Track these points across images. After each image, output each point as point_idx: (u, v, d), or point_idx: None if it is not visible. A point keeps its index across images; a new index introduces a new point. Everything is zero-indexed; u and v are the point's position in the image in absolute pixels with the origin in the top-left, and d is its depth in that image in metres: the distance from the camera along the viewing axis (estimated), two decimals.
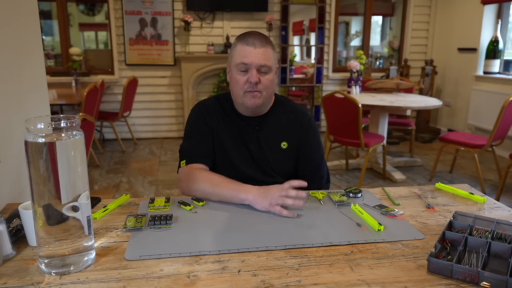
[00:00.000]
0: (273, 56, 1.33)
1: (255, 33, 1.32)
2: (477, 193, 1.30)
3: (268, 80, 1.32)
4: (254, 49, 1.28)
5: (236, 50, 1.31)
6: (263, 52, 1.29)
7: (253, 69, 1.29)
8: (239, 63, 1.29)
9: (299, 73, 6.20)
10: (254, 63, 1.28)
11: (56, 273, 0.84)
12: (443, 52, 5.70)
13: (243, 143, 1.41)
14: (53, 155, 0.81)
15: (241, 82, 1.31)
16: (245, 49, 1.29)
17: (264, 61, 1.29)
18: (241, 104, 1.36)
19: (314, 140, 1.47)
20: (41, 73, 1.53)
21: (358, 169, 4.20)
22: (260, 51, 1.28)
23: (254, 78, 1.28)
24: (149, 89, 5.34)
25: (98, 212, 1.12)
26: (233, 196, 1.20)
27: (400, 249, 0.95)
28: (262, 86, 1.31)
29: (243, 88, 1.31)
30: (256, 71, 1.29)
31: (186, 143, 1.42)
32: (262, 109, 1.39)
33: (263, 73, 1.31)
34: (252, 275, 0.84)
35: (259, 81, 1.30)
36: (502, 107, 3.30)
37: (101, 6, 5.41)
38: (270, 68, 1.31)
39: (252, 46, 1.29)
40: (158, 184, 3.71)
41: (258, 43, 1.29)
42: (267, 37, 1.34)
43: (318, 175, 1.49)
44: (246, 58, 1.28)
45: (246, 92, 1.32)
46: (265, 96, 1.34)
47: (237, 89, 1.33)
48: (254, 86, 1.30)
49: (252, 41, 1.29)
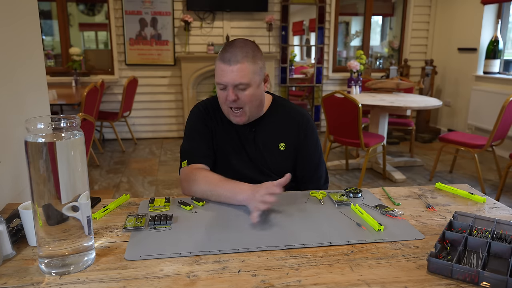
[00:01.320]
0: (253, 69, 1.27)
1: (234, 46, 1.28)
2: (477, 193, 1.30)
3: (247, 96, 1.29)
4: (229, 67, 1.25)
5: (216, 66, 1.30)
6: (238, 69, 1.25)
7: (230, 87, 1.27)
8: (217, 82, 1.29)
9: (299, 73, 6.21)
10: (230, 82, 1.26)
11: (56, 273, 0.84)
12: (443, 52, 5.70)
13: (241, 144, 1.41)
14: (53, 155, 0.80)
15: (221, 98, 1.32)
16: (221, 68, 1.27)
17: (239, 79, 1.25)
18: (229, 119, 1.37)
19: (311, 140, 1.46)
20: (41, 73, 1.53)
21: (358, 169, 4.20)
22: (235, 68, 1.25)
23: (231, 97, 1.28)
24: (149, 89, 5.34)
25: (98, 212, 1.12)
26: (228, 197, 1.20)
27: (400, 249, 0.95)
28: (242, 102, 1.30)
29: (226, 104, 1.32)
30: (232, 89, 1.27)
31: (187, 144, 1.42)
32: (252, 118, 1.38)
33: (241, 90, 1.29)
34: (252, 275, 0.84)
35: (237, 97, 1.28)
36: (502, 107, 3.30)
37: (101, 6, 5.41)
38: (248, 84, 1.28)
39: (227, 63, 1.25)
40: (158, 184, 3.71)
41: (233, 59, 1.25)
42: (249, 46, 1.29)
43: (317, 175, 1.49)
44: (222, 78, 1.27)
45: (230, 109, 1.32)
46: (250, 110, 1.33)
47: (221, 105, 1.35)
48: (232, 103, 1.30)
49: (228, 57, 1.26)
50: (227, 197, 1.20)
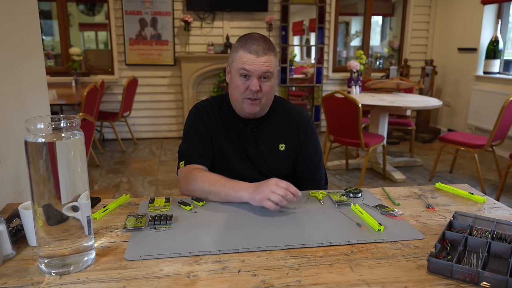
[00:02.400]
0: (275, 62, 1.32)
1: (258, 38, 1.30)
2: (477, 193, 1.30)
3: (268, 87, 1.32)
4: (256, 58, 1.27)
5: (238, 55, 1.30)
6: (266, 60, 1.28)
7: (255, 77, 1.28)
8: (241, 68, 1.29)
9: (299, 73, 6.20)
10: (256, 71, 1.28)
11: (56, 273, 0.84)
12: (443, 52, 5.70)
13: (241, 144, 1.41)
14: (53, 155, 0.80)
15: (241, 87, 1.31)
16: (248, 57, 1.28)
17: (267, 68, 1.28)
18: (240, 109, 1.36)
19: (312, 142, 1.47)
20: (41, 73, 1.53)
21: (358, 169, 4.20)
22: (263, 59, 1.28)
23: (255, 87, 1.28)
24: (149, 89, 5.34)
25: (98, 212, 1.12)
26: (229, 194, 1.20)
27: (400, 249, 0.95)
28: (262, 93, 1.31)
29: (243, 94, 1.31)
30: (257, 80, 1.29)
31: (185, 144, 1.42)
32: (260, 113, 1.40)
33: (264, 80, 1.31)
34: (252, 275, 0.84)
35: (260, 89, 1.30)
36: (502, 107, 3.30)
37: (101, 6, 5.41)
38: (272, 74, 1.31)
39: (254, 54, 1.27)
40: (158, 184, 3.71)
41: (261, 51, 1.28)
42: (269, 41, 1.33)
43: (316, 177, 1.49)
44: (248, 65, 1.27)
45: (246, 98, 1.32)
46: (264, 103, 1.35)
47: (236, 93, 1.33)
48: (254, 94, 1.30)
49: (255, 48, 1.27)
50: (227, 194, 1.20)
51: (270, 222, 1.09)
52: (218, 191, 1.22)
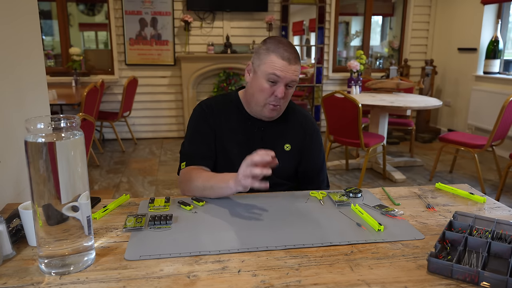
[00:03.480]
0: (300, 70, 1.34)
1: (290, 46, 1.30)
2: (477, 193, 1.30)
3: (289, 94, 1.34)
4: (289, 65, 1.27)
5: (269, 59, 1.28)
6: (296, 69, 1.29)
7: (282, 84, 1.29)
8: (271, 73, 1.28)
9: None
10: (286, 78, 1.28)
11: (56, 273, 0.84)
12: (443, 52, 5.70)
13: (247, 143, 1.41)
14: (53, 155, 0.80)
15: (267, 92, 1.31)
16: (281, 63, 1.27)
17: (295, 77, 1.30)
18: (259, 111, 1.36)
19: (316, 144, 1.48)
20: (41, 73, 1.53)
21: (358, 169, 4.20)
22: (294, 68, 1.28)
23: (281, 94, 1.29)
24: (149, 89, 5.34)
25: (98, 212, 1.12)
26: (221, 186, 1.19)
27: (400, 249, 0.95)
28: (284, 100, 1.33)
29: (267, 99, 1.32)
30: (284, 87, 1.30)
31: (187, 145, 1.42)
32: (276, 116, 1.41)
33: (288, 88, 1.32)
34: (252, 275, 0.84)
35: (284, 95, 1.31)
36: (502, 107, 3.30)
37: (101, 6, 5.41)
38: (297, 82, 1.33)
39: (287, 61, 1.27)
40: (158, 184, 3.71)
41: (293, 59, 1.28)
42: (296, 49, 1.33)
43: (319, 179, 1.49)
44: (279, 72, 1.27)
45: (268, 104, 1.32)
46: (282, 108, 1.37)
47: (259, 97, 1.33)
48: (278, 100, 1.31)
49: (288, 56, 1.27)
50: (220, 187, 1.19)
51: (270, 222, 1.08)
52: (211, 186, 1.22)
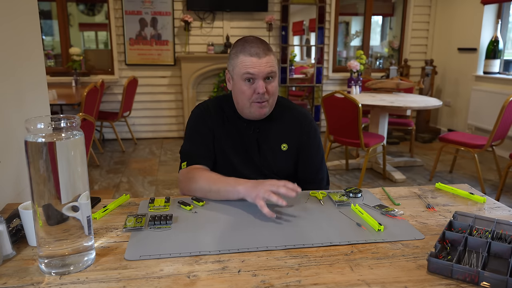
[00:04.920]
0: (276, 61, 1.33)
1: (255, 41, 1.30)
2: (477, 193, 1.30)
3: (274, 87, 1.32)
4: (258, 60, 1.27)
5: (239, 61, 1.29)
6: (268, 60, 1.28)
7: (260, 79, 1.29)
8: (245, 73, 1.28)
9: (299, 73, 6.21)
10: (261, 73, 1.28)
11: (56, 273, 0.84)
12: (443, 52, 5.70)
13: (243, 145, 1.41)
14: (53, 155, 0.80)
15: (247, 93, 1.30)
16: (250, 60, 1.27)
17: (269, 68, 1.29)
18: (248, 113, 1.36)
19: (314, 142, 1.47)
20: (41, 73, 1.53)
21: (358, 169, 4.20)
22: (265, 60, 1.28)
23: (262, 89, 1.28)
24: (149, 89, 5.34)
25: (98, 212, 1.12)
26: (228, 191, 1.19)
27: (400, 249, 0.95)
28: (269, 93, 1.32)
29: (250, 99, 1.31)
30: (262, 81, 1.29)
31: (187, 145, 1.42)
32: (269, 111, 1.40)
33: (268, 81, 1.31)
34: (252, 275, 0.84)
35: (266, 90, 1.30)
36: (502, 107, 3.30)
37: (101, 6, 5.41)
38: (275, 73, 1.32)
39: (256, 56, 1.27)
40: (158, 184, 3.71)
41: (261, 53, 1.28)
42: (266, 42, 1.33)
43: (318, 177, 1.49)
44: (251, 69, 1.27)
45: (254, 102, 1.32)
46: (272, 103, 1.35)
47: (243, 99, 1.33)
48: (261, 97, 1.30)
49: (255, 50, 1.28)
50: (227, 191, 1.19)
51: (270, 222, 1.08)
52: (217, 189, 1.21)
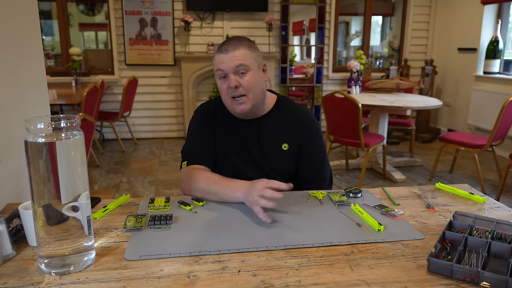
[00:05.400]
0: (251, 54, 1.31)
1: (230, 39, 1.34)
2: (477, 193, 1.30)
3: (248, 81, 1.31)
4: (226, 55, 1.29)
5: (215, 60, 1.33)
6: (236, 54, 1.29)
7: (230, 73, 1.30)
8: (217, 70, 1.32)
9: (299, 73, 6.21)
10: (229, 67, 1.29)
11: (56, 273, 0.84)
12: (443, 52, 5.70)
13: (244, 144, 1.41)
14: (53, 155, 0.80)
15: (223, 89, 1.33)
16: (220, 57, 1.30)
17: (238, 61, 1.28)
18: (232, 111, 1.37)
19: (315, 141, 1.46)
20: (41, 73, 1.53)
21: (358, 169, 4.20)
22: (233, 54, 1.29)
23: (233, 82, 1.29)
24: (149, 89, 5.34)
25: (98, 212, 1.12)
26: (227, 194, 1.20)
27: (400, 249, 0.95)
28: (243, 88, 1.31)
29: (228, 95, 1.32)
30: (233, 75, 1.29)
31: (188, 145, 1.43)
32: (257, 111, 1.39)
33: (241, 74, 1.30)
34: (252, 275, 0.84)
35: (239, 84, 1.30)
36: (502, 107, 3.30)
37: (101, 6, 5.41)
38: (247, 66, 1.30)
39: (224, 52, 1.30)
40: (158, 184, 3.71)
41: (230, 48, 1.30)
42: (244, 38, 1.34)
43: (320, 176, 1.48)
44: (221, 65, 1.30)
45: (232, 99, 1.32)
46: (253, 98, 1.33)
47: (224, 97, 1.35)
48: (235, 91, 1.30)
49: (225, 47, 1.30)
50: (226, 194, 1.20)
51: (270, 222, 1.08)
52: (216, 191, 1.22)
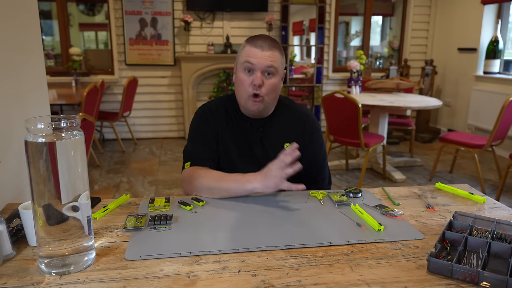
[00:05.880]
0: (280, 60, 1.33)
1: (265, 37, 1.33)
2: (477, 193, 1.30)
3: (271, 85, 1.32)
4: (261, 52, 1.29)
5: (243, 51, 1.33)
6: (270, 55, 1.30)
7: (258, 71, 1.30)
8: (245, 61, 1.31)
9: (299, 73, 6.21)
10: (260, 64, 1.29)
11: (56, 273, 0.84)
12: (443, 52, 5.70)
13: (247, 145, 1.41)
14: (53, 155, 0.80)
15: (246, 83, 1.32)
16: (253, 51, 1.30)
17: (270, 62, 1.30)
18: (244, 105, 1.37)
19: (317, 142, 1.47)
20: (41, 73, 1.53)
21: (358, 169, 4.20)
22: (267, 53, 1.29)
23: (258, 80, 1.29)
24: (149, 89, 5.34)
25: (98, 212, 1.12)
26: (238, 187, 1.21)
27: (400, 249, 0.95)
28: (265, 90, 1.32)
29: (248, 91, 1.32)
30: (260, 74, 1.30)
31: (191, 146, 1.42)
32: (265, 112, 1.41)
33: (268, 76, 1.31)
34: (252, 275, 0.84)
35: (263, 84, 1.30)
36: (502, 107, 3.30)
37: (101, 6, 5.41)
38: (276, 70, 1.32)
39: (260, 48, 1.30)
40: (158, 184, 3.71)
41: (266, 46, 1.30)
42: (277, 41, 1.35)
43: (320, 177, 1.50)
44: (252, 58, 1.29)
45: (250, 96, 1.33)
46: (267, 101, 1.35)
47: (241, 90, 1.34)
48: (257, 88, 1.31)
49: (261, 43, 1.30)
50: (236, 187, 1.21)
51: (270, 222, 1.08)
52: (227, 187, 1.22)
